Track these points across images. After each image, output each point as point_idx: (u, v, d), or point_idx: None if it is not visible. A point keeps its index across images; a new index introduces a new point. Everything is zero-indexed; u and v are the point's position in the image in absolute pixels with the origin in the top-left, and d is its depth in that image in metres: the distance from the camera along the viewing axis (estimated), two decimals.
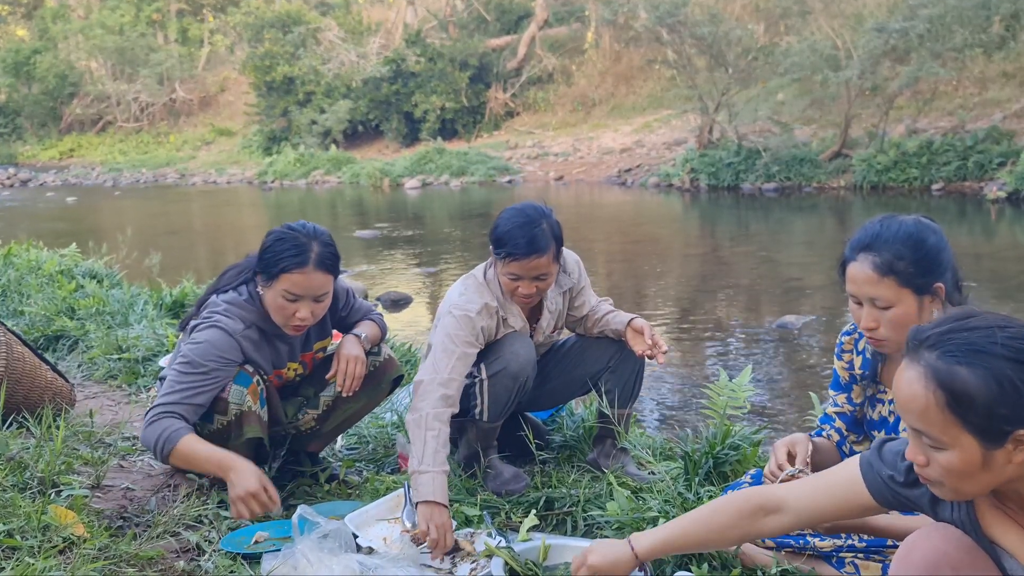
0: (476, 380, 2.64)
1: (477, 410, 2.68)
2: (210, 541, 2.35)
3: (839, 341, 2.24)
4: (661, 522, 2.22)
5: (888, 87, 15.59)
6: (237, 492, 2.26)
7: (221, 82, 36.73)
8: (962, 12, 14.88)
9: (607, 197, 17.97)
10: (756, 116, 17.40)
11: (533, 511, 2.49)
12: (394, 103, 27.19)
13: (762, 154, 16.55)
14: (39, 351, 3.42)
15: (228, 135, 33.23)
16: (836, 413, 2.25)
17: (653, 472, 2.70)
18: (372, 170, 22.94)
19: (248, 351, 2.55)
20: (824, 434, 2.25)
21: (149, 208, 20.25)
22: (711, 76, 17.80)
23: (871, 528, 1.94)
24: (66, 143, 36.41)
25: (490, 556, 2.23)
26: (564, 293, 2.83)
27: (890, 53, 15.44)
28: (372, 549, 2.34)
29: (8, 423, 2.99)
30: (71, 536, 2.21)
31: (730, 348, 6.52)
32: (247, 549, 2.31)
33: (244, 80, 32.00)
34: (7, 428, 2.95)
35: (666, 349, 2.70)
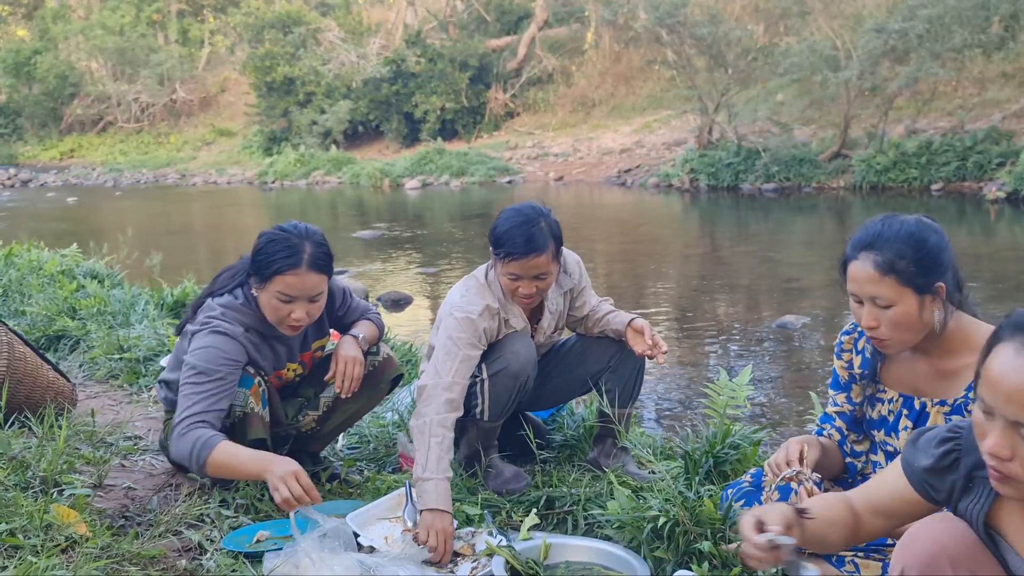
0: (477, 379, 2.65)
1: (478, 409, 2.68)
2: (212, 540, 2.36)
3: (839, 340, 2.24)
4: (661, 521, 2.22)
5: (887, 87, 15.59)
6: (281, 474, 2.22)
7: (221, 83, 36.74)
8: (961, 12, 14.88)
9: (607, 197, 17.98)
10: (756, 116, 17.40)
11: (534, 510, 2.49)
12: (394, 104, 27.19)
13: (762, 154, 16.55)
14: (41, 351, 3.43)
15: (228, 135, 33.24)
16: (836, 413, 2.25)
17: (653, 471, 2.71)
18: (372, 170, 22.94)
19: (249, 352, 2.56)
20: (825, 433, 2.25)
21: (150, 208, 20.25)
22: (711, 76, 17.81)
23: None
24: (67, 143, 36.41)
25: (491, 555, 2.23)
26: (565, 294, 2.84)
27: (889, 53, 15.44)
28: (373, 548, 2.35)
29: (10, 423, 3.00)
30: (73, 535, 2.22)
31: (730, 348, 6.53)
32: (249, 548, 2.31)
33: (244, 80, 31.99)
34: (9, 428, 2.96)
35: (666, 349, 2.71)
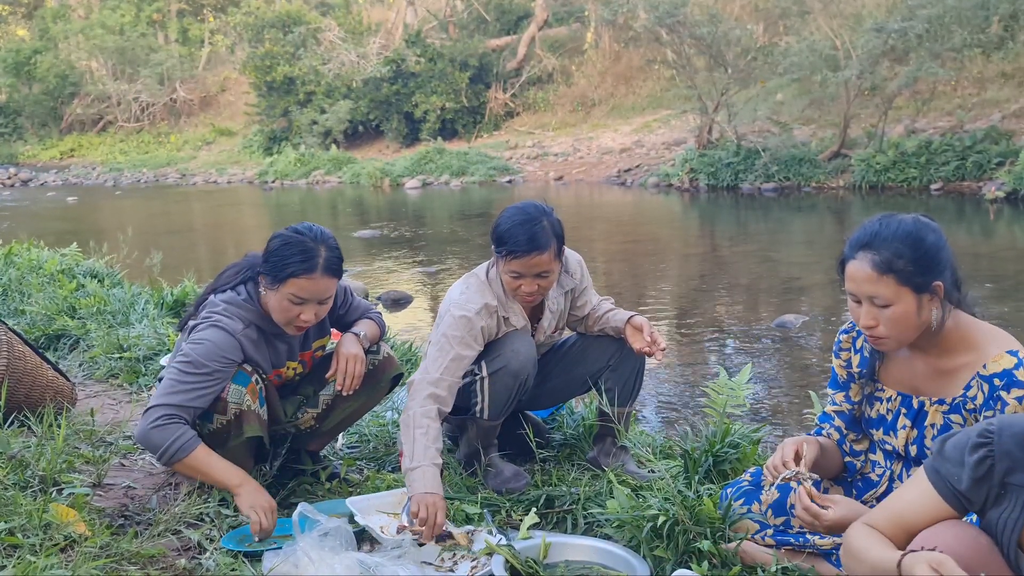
0: (477, 378, 2.65)
1: (478, 408, 2.68)
2: (211, 539, 2.36)
3: (837, 339, 2.24)
4: (661, 520, 2.22)
5: (887, 87, 15.57)
6: (254, 501, 2.36)
7: (221, 82, 36.71)
8: (961, 12, 14.87)
9: (607, 197, 17.97)
10: (755, 116, 17.38)
11: (533, 509, 2.50)
12: (394, 103, 27.17)
13: (761, 154, 16.54)
14: (40, 350, 3.43)
15: (229, 135, 33.21)
16: (835, 412, 2.25)
17: (653, 470, 2.71)
18: (372, 170, 22.92)
19: (248, 350, 2.56)
20: (824, 433, 2.25)
21: (150, 208, 20.24)
22: (710, 76, 17.79)
23: None
24: (67, 143, 36.37)
25: (490, 554, 2.23)
26: (566, 293, 2.84)
27: (889, 53, 15.42)
28: (371, 543, 2.35)
29: (9, 422, 3.00)
30: (72, 534, 2.22)
31: (729, 347, 6.53)
32: (248, 547, 2.31)
33: (244, 80, 31.96)
34: (8, 427, 2.96)
35: (664, 346, 2.71)
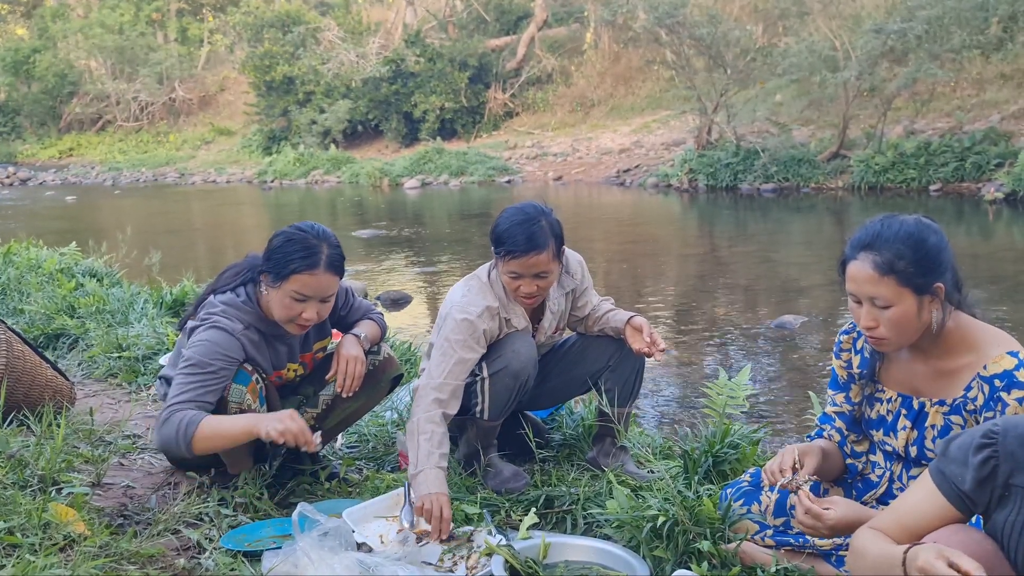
0: (477, 378, 2.65)
1: (478, 408, 2.68)
2: (211, 539, 2.35)
3: (837, 340, 2.24)
4: (661, 521, 2.22)
5: (886, 88, 15.57)
6: (276, 417, 2.35)
7: (221, 82, 36.68)
8: (960, 13, 14.87)
9: (606, 197, 17.97)
10: (754, 117, 17.39)
11: (533, 509, 2.49)
12: (393, 103, 27.16)
13: (760, 155, 16.54)
14: (39, 349, 3.42)
15: (228, 135, 33.19)
16: (835, 413, 2.25)
17: (652, 471, 2.71)
18: (371, 170, 22.91)
19: (248, 350, 2.56)
20: (825, 434, 2.25)
21: (149, 207, 20.23)
22: (710, 77, 17.80)
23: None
24: (65, 142, 36.34)
25: (490, 554, 2.23)
26: (567, 294, 2.83)
27: (888, 54, 15.43)
28: (369, 547, 2.35)
29: (8, 421, 2.99)
30: (72, 534, 2.22)
31: (729, 347, 6.53)
32: (247, 547, 2.31)
33: (244, 80, 31.94)
34: (7, 426, 2.95)
35: (663, 347, 2.71)
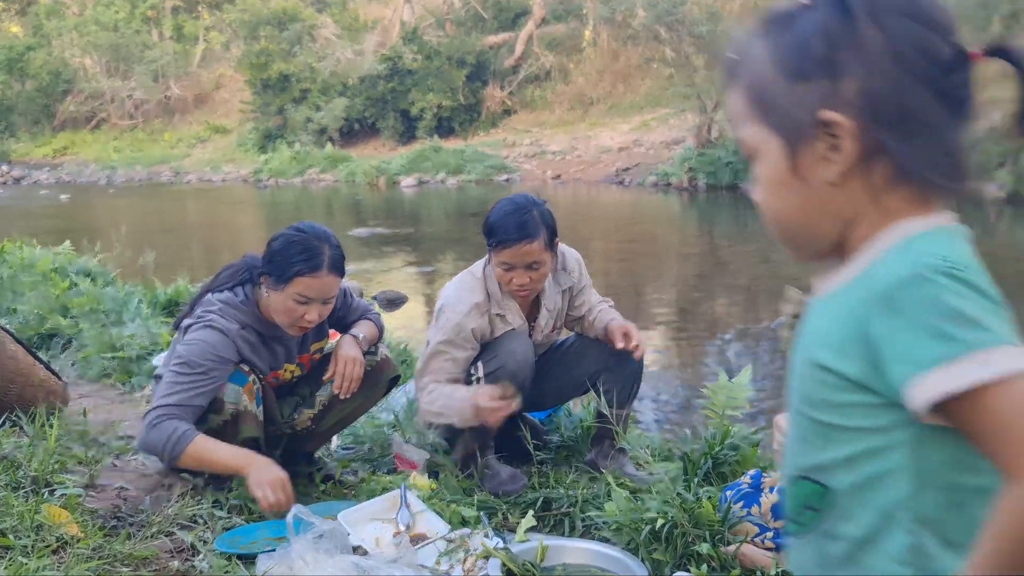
0: (473, 379, 2.63)
1: None
2: (205, 541, 2.33)
3: None
4: (660, 523, 2.20)
5: None
6: (261, 477, 2.30)
7: (216, 79, 36.62)
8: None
9: (605, 196, 17.96)
10: None
11: (531, 512, 2.47)
12: (390, 101, 27.14)
13: None
14: (32, 349, 3.40)
15: (223, 133, 33.14)
16: None
17: (652, 473, 2.68)
18: (368, 168, 22.88)
19: (244, 352, 2.54)
20: None
21: (143, 206, 20.19)
22: (709, 75, 17.81)
23: None
24: (60, 140, 36.26)
25: (487, 557, 2.21)
26: (564, 292, 2.81)
27: None
28: (364, 550, 2.32)
29: (1, 422, 2.97)
30: (64, 536, 2.19)
31: (729, 348, 6.51)
32: (242, 549, 2.29)
33: (239, 77, 31.90)
34: (0, 427, 2.93)
35: (637, 343, 2.68)
